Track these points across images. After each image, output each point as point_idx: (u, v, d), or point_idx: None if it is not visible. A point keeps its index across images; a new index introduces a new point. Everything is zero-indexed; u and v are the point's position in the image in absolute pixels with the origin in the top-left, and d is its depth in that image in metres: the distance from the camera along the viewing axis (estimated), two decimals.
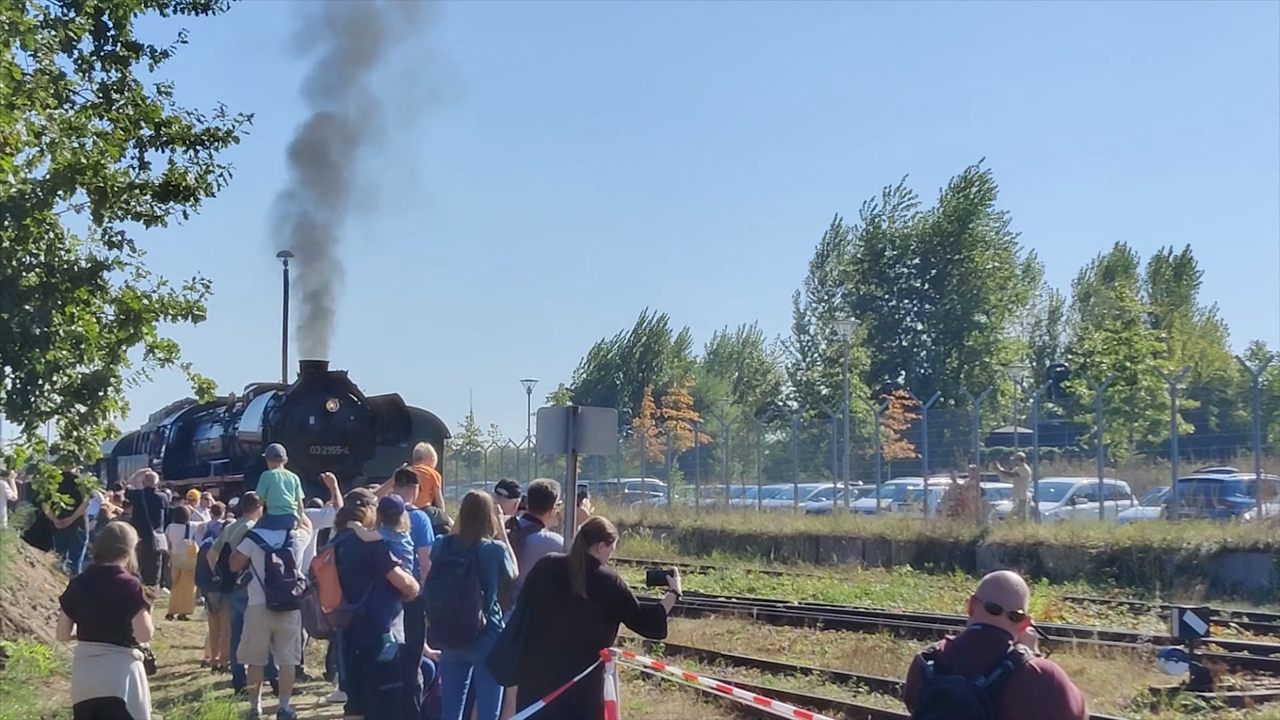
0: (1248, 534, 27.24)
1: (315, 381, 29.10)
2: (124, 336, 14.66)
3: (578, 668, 8.67)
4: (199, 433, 35.16)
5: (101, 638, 10.07)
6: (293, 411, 28.47)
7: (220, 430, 32.82)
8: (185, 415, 36.17)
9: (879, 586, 28.24)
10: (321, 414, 28.38)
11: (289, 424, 28.13)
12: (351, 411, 28.87)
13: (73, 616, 10.17)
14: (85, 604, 10.12)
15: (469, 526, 10.88)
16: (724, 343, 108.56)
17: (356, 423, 28.86)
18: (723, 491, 50.64)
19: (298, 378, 30.28)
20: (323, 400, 28.51)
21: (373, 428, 29.16)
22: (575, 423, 13.02)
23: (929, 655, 6.15)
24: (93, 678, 10.03)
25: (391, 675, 11.58)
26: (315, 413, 28.40)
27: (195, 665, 18.44)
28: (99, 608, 10.07)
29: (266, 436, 27.55)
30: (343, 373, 29.62)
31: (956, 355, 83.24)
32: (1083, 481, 39.98)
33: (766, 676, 17.43)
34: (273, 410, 28.95)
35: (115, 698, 10.07)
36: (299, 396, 28.86)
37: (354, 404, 29.06)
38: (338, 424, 28.50)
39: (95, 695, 10.04)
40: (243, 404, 31.57)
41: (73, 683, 9.76)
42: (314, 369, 29.55)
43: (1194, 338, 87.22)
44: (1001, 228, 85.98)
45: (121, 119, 14.84)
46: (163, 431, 37.34)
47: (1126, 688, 16.12)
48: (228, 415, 32.34)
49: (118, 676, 10.10)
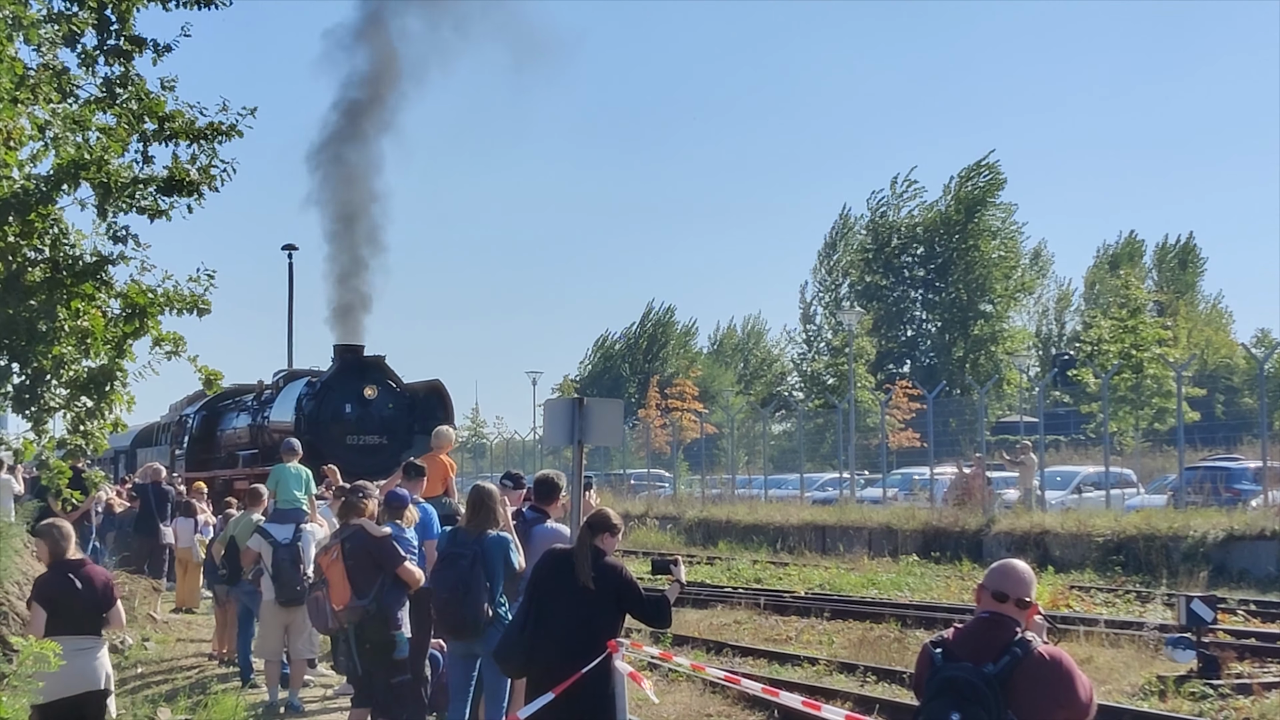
0: (1254, 521, 27.21)
1: (351, 367, 27.72)
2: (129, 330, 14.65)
3: (585, 659, 8.68)
4: (224, 422, 33.63)
5: (85, 630, 10.06)
6: (328, 399, 27.15)
7: (248, 419, 31.31)
8: (209, 404, 34.28)
9: (886, 576, 28.27)
10: (358, 401, 27.15)
11: (324, 412, 26.97)
12: (390, 399, 27.52)
13: (53, 611, 10.04)
14: (69, 598, 10.07)
15: (474, 518, 10.89)
16: (729, 334, 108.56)
17: (395, 410, 27.46)
18: (729, 482, 50.62)
19: (332, 363, 28.55)
20: (359, 387, 27.24)
21: (411, 416, 27.53)
22: (581, 414, 13.01)
23: (937, 643, 6.15)
24: (80, 672, 9.95)
25: (401, 668, 11.60)
26: (351, 400, 27.18)
27: (202, 658, 18.46)
28: (82, 601, 10.06)
29: (300, 426, 26.71)
30: (380, 357, 28.18)
31: (962, 344, 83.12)
32: (1089, 470, 39.98)
33: (774, 666, 17.44)
34: (306, 398, 27.55)
35: (98, 690, 10.07)
36: (334, 383, 27.47)
37: (392, 390, 27.72)
38: (375, 412, 27.22)
39: (81, 690, 10.01)
40: (273, 391, 30.17)
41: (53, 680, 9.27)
42: (349, 353, 28.03)
43: (1199, 325, 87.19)
44: (1008, 217, 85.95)
45: (125, 113, 14.83)
46: (185, 421, 35.79)
47: (1134, 675, 16.14)
48: (256, 404, 30.96)
49: (101, 669, 10.13)
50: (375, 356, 27.98)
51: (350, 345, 28.11)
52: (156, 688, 15.96)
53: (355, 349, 28.01)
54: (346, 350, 27.98)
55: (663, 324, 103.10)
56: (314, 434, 26.00)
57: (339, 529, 12.09)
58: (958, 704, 5.82)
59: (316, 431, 26.26)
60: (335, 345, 28.40)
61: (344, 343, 28.28)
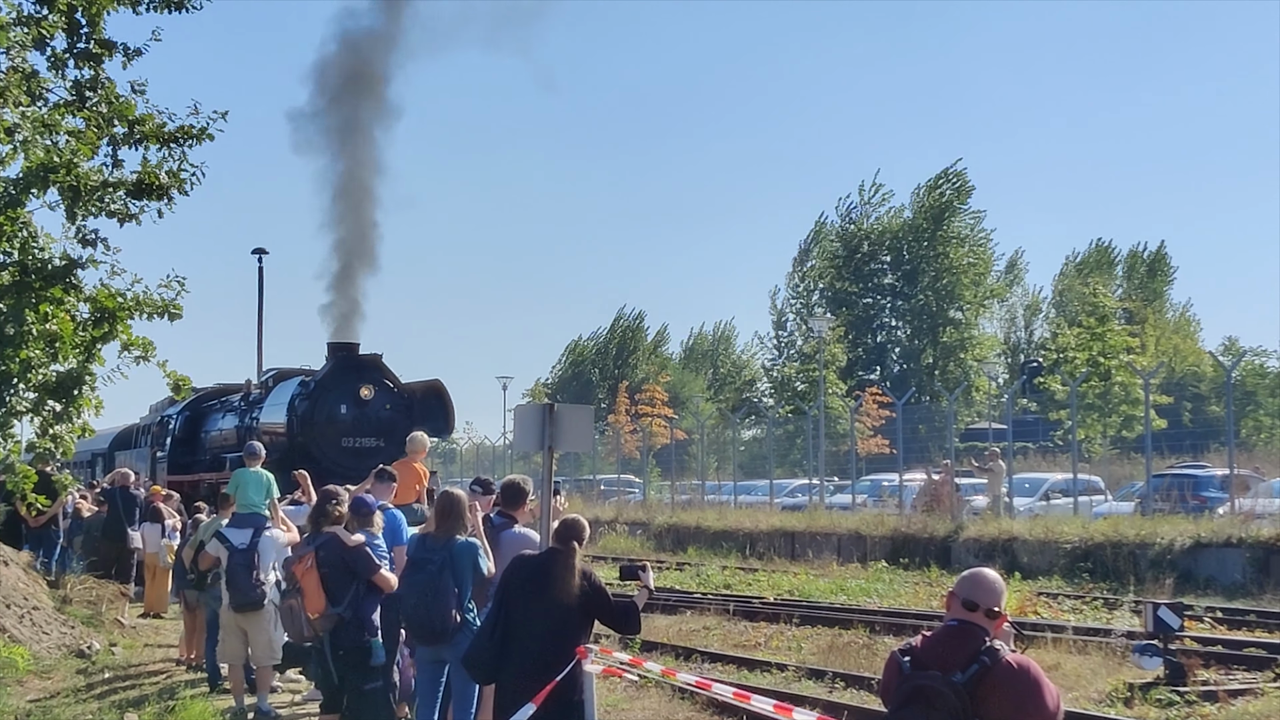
0: (1221, 529, 27.35)
1: (346, 366, 26.27)
2: (99, 335, 14.61)
3: (555, 665, 8.69)
4: (209, 423, 32.18)
5: None
6: (322, 399, 25.74)
7: (235, 420, 29.89)
8: (193, 405, 32.89)
9: (854, 582, 28.32)
10: (354, 402, 25.66)
11: (318, 414, 25.60)
12: (387, 399, 26.03)
13: None
14: None
15: (443, 524, 10.88)
16: (700, 340, 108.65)
17: (393, 412, 25.92)
18: (698, 488, 50.67)
19: (326, 362, 26.91)
20: (355, 387, 25.73)
21: (409, 417, 25.65)
22: (551, 420, 13.00)
23: (905, 651, 6.16)
24: None
25: (375, 675, 11.58)
26: (347, 401, 25.68)
27: (170, 664, 18.38)
28: None
29: (292, 427, 25.84)
30: (377, 356, 26.72)
31: (932, 351, 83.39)
32: (1057, 477, 40.09)
33: (742, 672, 17.45)
34: (299, 398, 26.16)
35: None
36: (329, 383, 26.02)
37: (390, 391, 26.24)
38: (372, 413, 25.72)
39: None
40: (261, 391, 28.99)
41: None
42: (344, 352, 26.53)
43: (1167, 333, 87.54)
44: (977, 224, 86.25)
45: (94, 117, 14.81)
46: (166, 422, 34.11)
47: (1101, 682, 16.19)
48: (244, 404, 29.67)
49: None
50: (371, 355, 26.78)
51: (345, 343, 26.76)
52: (124, 693, 15.89)
53: (350, 347, 26.73)
54: (341, 348, 26.65)
55: (633, 329, 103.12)
56: (307, 436, 25.37)
57: (310, 536, 12.04)
58: (926, 712, 5.83)
59: (310, 433, 25.44)
60: (329, 343, 27.04)
61: (338, 340, 26.87)
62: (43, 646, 18.38)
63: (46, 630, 19.10)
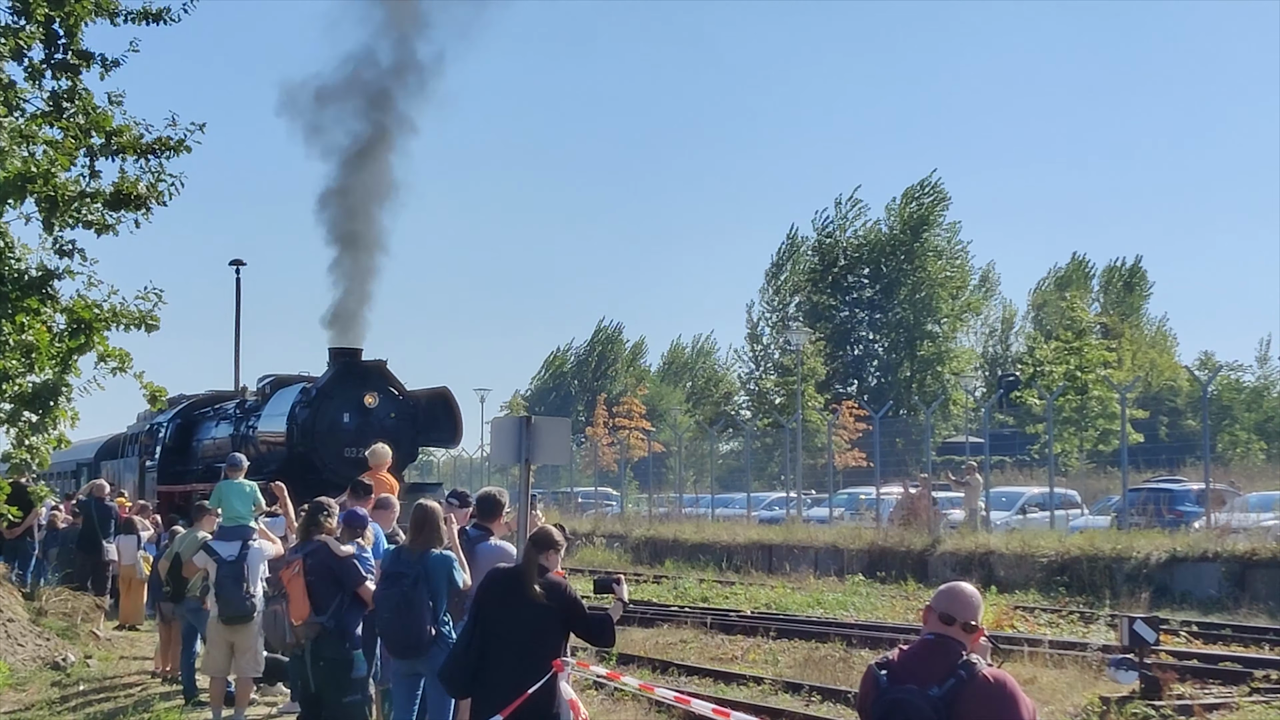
0: (1197, 543, 27.42)
1: (349, 373, 24.99)
2: (75, 346, 14.58)
3: (531, 678, 8.67)
4: (202, 432, 30.75)
5: None
6: (324, 407, 24.52)
7: (230, 429, 28.54)
8: (184, 412, 31.69)
9: (831, 596, 28.32)
10: (358, 410, 24.46)
11: (320, 422, 24.39)
12: (392, 407, 24.84)
13: None
14: None
15: (418, 537, 10.85)
16: (678, 352, 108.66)
17: (398, 420, 24.75)
18: (676, 501, 50.63)
19: (327, 368, 25.62)
20: (359, 394, 24.53)
21: (415, 426, 25.09)
22: (529, 433, 12.99)
23: (882, 665, 6.15)
24: None
25: (354, 688, 11.54)
26: (350, 409, 24.48)
27: (145, 675, 18.31)
28: None
29: (292, 437, 24.78)
30: (381, 362, 25.47)
31: (909, 365, 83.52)
32: (1034, 491, 40.16)
33: (719, 686, 17.43)
34: (300, 406, 24.97)
35: None
36: (331, 390, 24.79)
37: (395, 398, 25.03)
38: (376, 422, 24.31)
39: None
40: (258, 398, 27.70)
41: None
42: (347, 357, 25.37)
43: (1144, 348, 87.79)
44: (953, 237, 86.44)
45: (72, 127, 14.79)
46: (156, 431, 32.56)
47: (1077, 696, 16.21)
48: (240, 412, 28.38)
49: None
50: (376, 361, 25.53)
51: (348, 349, 25.70)
52: (99, 705, 15.83)
53: (353, 353, 25.62)
54: (343, 354, 25.51)
55: (612, 341, 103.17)
56: (308, 445, 24.44)
57: (300, 544, 12.00)
58: None
59: (311, 443, 24.45)
60: (331, 348, 25.93)
61: (341, 346, 25.82)
62: (18, 659, 18.31)
63: (21, 642, 19.01)
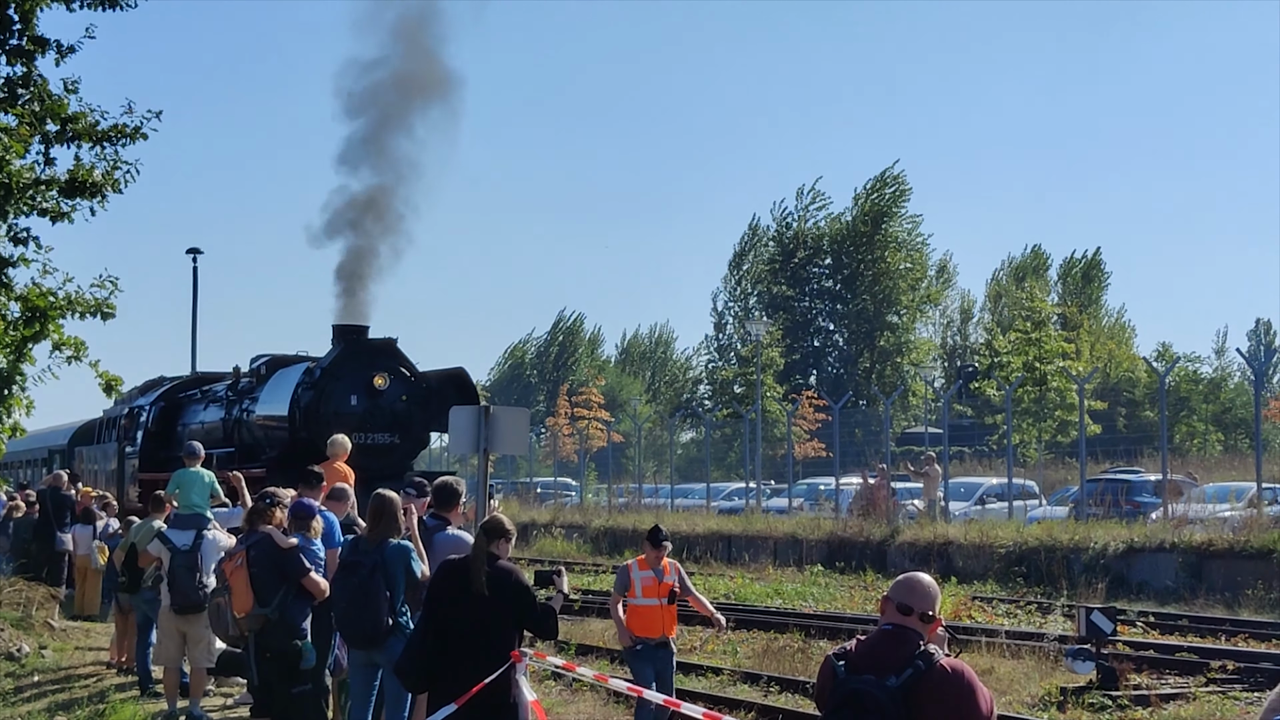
0: (1154, 534, 27.56)
1: (357, 352, 23.24)
2: (30, 334, 14.48)
3: (487, 669, 8.64)
4: (188, 415, 28.47)
5: None
6: (330, 390, 22.72)
7: (221, 412, 26.41)
8: (167, 394, 29.59)
9: (790, 586, 28.36)
10: (366, 393, 22.70)
11: (325, 406, 22.60)
12: (403, 389, 23.12)
13: None
14: None
15: (376, 526, 10.80)
16: (635, 342, 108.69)
17: (409, 404, 23.11)
18: (635, 491, 50.63)
19: (332, 346, 23.80)
20: (368, 375, 22.73)
21: (427, 411, 23.29)
22: (487, 423, 12.96)
23: (840, 655, 6.15)
24: None
25: (302, 678, 11.48)
26: (359, 391, 22.72)
27: (100, 666, 18.20)
28: None
29: (295, 421, 22.91)
30: (391, 340, 23.76)
31: (868, 355, 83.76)
32: (992, 481, 40.38)
33: (678, 677, 17.42)
34: (303, 388, 23.02)
35: None
36: (337, 370, 22.92)
37: (406, 380, 23.30)
38: (386, 405, 22.82)
39: None
40: (252, 380, 25.52)
41: None
42: (353, 335, 23.58)
43: (1102, 339, 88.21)
44: (914, 229, 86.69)
45: (26, 114, 14.67)
46: (137, 414, 30.09)
47: (1034, 687, 16.29)
48: (233, 394, 26.12)
49: None
50: (385, 340, 23.82)
51: (354, 325, 23.85)
52: (54, 696, 15.74)
53: (360, 329, 23.82)
54: (350, 331, 23.66)
55: (572, 332, 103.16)
56: (312, 431, 22.27)
57: (245, 535, 11.95)
58: (860, 716, 5.83)
59: (315, 428, 22.27)
60: (335, 325, 24.08)
61: (347, 323, 23.97)
62: None
63: None
